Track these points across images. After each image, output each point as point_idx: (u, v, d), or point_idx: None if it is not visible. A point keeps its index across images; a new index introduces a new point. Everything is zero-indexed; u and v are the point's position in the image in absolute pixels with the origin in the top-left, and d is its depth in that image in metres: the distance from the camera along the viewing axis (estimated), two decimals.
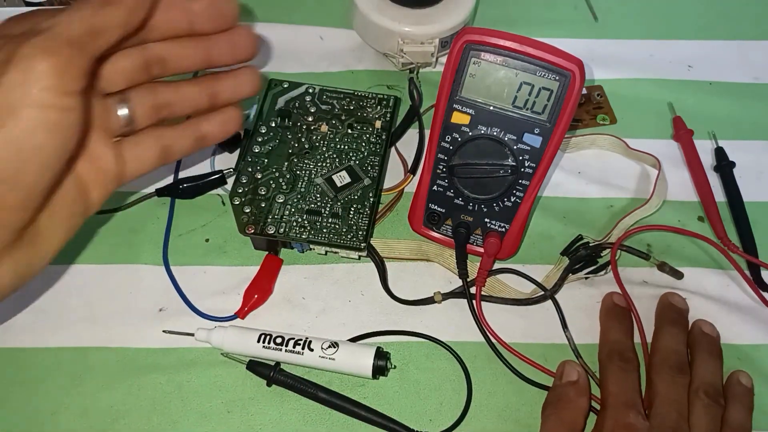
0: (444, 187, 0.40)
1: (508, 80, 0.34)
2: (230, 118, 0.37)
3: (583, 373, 0.38)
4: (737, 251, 0.44)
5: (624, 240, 0.43)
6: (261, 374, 0.38)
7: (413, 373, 0.39)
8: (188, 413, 0.37)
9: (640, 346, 0.40)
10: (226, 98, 0.36)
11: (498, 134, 0.36)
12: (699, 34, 0.57)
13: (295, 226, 0.41)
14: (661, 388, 0.36)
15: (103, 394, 0.38)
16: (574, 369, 0.38)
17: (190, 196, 0.45)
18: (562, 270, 0.42)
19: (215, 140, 0.37)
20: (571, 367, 0.38)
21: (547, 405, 0.37)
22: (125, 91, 0.33)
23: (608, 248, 0.42)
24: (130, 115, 0.32)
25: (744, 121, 0.52)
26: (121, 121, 0.32)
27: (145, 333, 0.40)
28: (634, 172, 0.48)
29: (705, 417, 0.35)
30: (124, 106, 0.32)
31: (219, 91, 0.35)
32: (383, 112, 0.46)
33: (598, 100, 0.52)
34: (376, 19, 0.49)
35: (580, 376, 0.37)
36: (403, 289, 0.42)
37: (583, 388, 0.37)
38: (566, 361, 0.38)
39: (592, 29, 0.57)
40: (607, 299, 0.41)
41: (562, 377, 0.37)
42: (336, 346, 0.38)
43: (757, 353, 0.41)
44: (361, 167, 0.43)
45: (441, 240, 0.43)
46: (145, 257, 0.42)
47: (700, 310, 0.42)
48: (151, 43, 0.32)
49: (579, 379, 0.37)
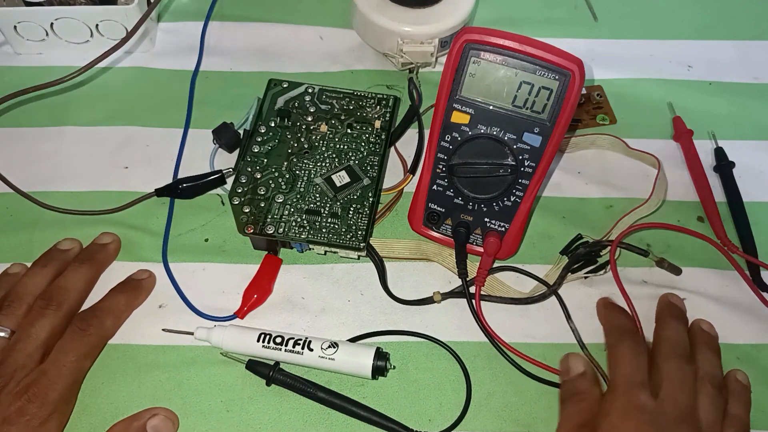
0: (444, 186, 0.40)
1: (508, 79, 0.34)
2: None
3: (589, 362, 0.38)
4: (737, 251, 0.44)
5: (624, 238, 0.43)
6: (260, 374, 0.38)
7: (413, 373, 0.39)
8: (188, 411, 0.37)
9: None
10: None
11: (498, 134, 0.36)
12: (699, 34, 0.57)
13: (295, 226, 0.41)
14: (671, 373, 0.35)
15: (103, 391, 0.38)
16: (580, 360, 0.38)
17: (190, 196, 0.45)
18: (562, 268, 0.42)
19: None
20: (575, 359, 0.38)
21: (564, 400, 0.37)
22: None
23: (608, 246, 0.42)
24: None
25: (744, 121, 0.52)
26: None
27: (145, 331, 0.40)
28: (633, 172, 0.48)
29: (711, 405, 0.35)
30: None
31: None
32: (383, 112, 0.46)
33: (597, 99, 0.52)
34: (376, 19, 0.49)
35: (586, 366, 0.37)
36: (403, 289, 0.42)
37: (593, 378, 0.37)
38: (569, 354, 0.38)
39: (592, 29, 0.57)
40: (601, 300, 0.41)
41: (569, 371, 0.37)
42: (335, 347, 0.38)
43: (757, 353, 0.41)
44: (361, 167, 0.43)
45: (441, 240, 0.43)
46: (145, 256, 0.42)
47: (700, 310, 0.42)
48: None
49: (587, 370, 0.37)
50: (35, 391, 0.34)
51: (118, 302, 0.39)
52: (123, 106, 0.50)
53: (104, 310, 0.39)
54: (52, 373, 0.35)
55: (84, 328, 0.37)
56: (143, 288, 0.41)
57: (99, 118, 0.49)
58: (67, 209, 0.44)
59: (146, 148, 0.48)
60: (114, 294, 0.40)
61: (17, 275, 0.40)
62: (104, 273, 0.42)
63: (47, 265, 0.40)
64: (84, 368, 0.37)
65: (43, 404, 0.34)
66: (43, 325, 0.36)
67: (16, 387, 0.34)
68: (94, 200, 0.45)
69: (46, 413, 0.34)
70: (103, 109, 0.50)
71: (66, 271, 0.40)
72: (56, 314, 0.37)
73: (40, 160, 0.47)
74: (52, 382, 0.35)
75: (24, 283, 0.39)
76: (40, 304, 0.37)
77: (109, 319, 0.39)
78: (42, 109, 0.49)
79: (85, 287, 0.40)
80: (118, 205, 0.44)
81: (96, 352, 0.38)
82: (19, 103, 0.49)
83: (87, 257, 0.41)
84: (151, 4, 0.48)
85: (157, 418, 0.36)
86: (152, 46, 0.53)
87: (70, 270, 0.40)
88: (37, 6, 0.49)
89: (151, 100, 0.50)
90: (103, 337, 0.38)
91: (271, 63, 0.53)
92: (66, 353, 0.36)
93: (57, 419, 0.35)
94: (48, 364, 0.35)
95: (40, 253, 0.41)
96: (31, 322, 0.36)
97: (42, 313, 0.37)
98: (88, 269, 0.40)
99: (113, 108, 0.50)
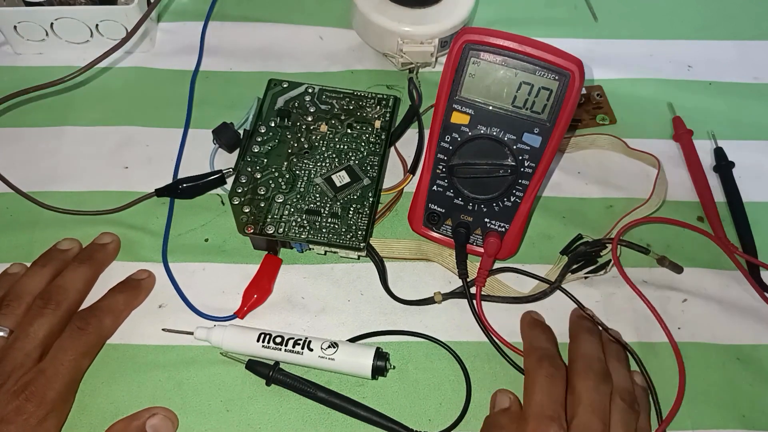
0: (444, 187, 0.40)
1: (508, 80, 0.34)
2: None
3: (516, 399, 0.37)
4: (737, 251, 0.44)
5: (624, 234, 0.43)
6: (260, 373, 0.38)
7: (413, 373, 0.39)
8: (188, 411, 0.37)
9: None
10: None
11: (498, 134, 0.36)
12: (698, 34, 0.57)
13: (295, 226, 0.41)
14: (586, 396, 0.35)
15: (103, 391, 0.38)
16: (506, 396, 0.38)
17: (190, 196, 0.45)
18: (562, 267, 0.42)
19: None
20: (503, 395, 0.38)
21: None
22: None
23: (608, 243, 0.42)
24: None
25: (743, 121, 0.52)
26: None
27: (145, 330, 0.40)
28: (633, 172, 0.48)
29: (623, 423, 0.35)
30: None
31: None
32: (383, 112, 0.46)
33: (597, 100, 0.52)
34: (376, 19, 0.49)
35: (512, 403, 0.37)
36: (403, 289, 0.42)
37: (516, 414, 0.36)
38: (499, 390, 0.38)
39: (592, 29, 0.57)
40: (526, 316, 0.41)
41: (495, 406, 0.38)
42: (335, 347, 0.38)
43: (757, 353, 0.41)
44: (361, 167, 0.43)
45: (441, 240, 0.43)
46: (145, 256, 0.42)
47: (700, 310, 0.42)
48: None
49: (511, 407, 0.37)
50: (33, 390, 0.34)
51: (117, 302, 0.39)
52: (123, 106, 0.50)
53: (103, 309, 0.39)
54: (50, 372, 0.35)
55: (83, 327, 0.37)
56: (143, 288, 0.41)
57: (99, 118, 0.49)
58: (66, 209, 0.44)
59: (146, 148, 0.48)
60: (113, 294, 0.40)
61: (16, 275, 0.40)
62: (104, 273, 0.42)
63: (46, 264, 0.40)
64: (82, 367, 0.37)
65: (41, 403, 0.34)
66: (42, 324, 0.36)
67: (14, 386, 0.34)
68: (94, 200, 0.45)
69: (43, 412, 0.34)
70: (103, 109, 0.50)
71: (65, 270, 0.40)
72: (55, 313, 0.37)
73: (40, 160, 0.47)
74: (50, 381, 0.35)
75: (23, 282, 0.39)
76: (38, 303, 0.37)
77: (108, 319, 0.39)
78: (42, 109, 0.49)
79: (84, 287, 0.40)
80: (118, 205, 0.44)
81: (95, 351, 0.38)
82: (19, 103, 0.49)
83: (86, 257, 0.41)
84: (151, 4, 0.48)
85: (156, 417, 0.36)
86: (152, 46, 0.53)
87: (69, 270, 0.40)
88: (37, 6, 0.49)
89: (151, 100, 0.50)
90: (102, 336, 0.38)
91: (271, 63, 0.53)
92: (64, 352, 0.36)
93: (55, 418, 0.35)
94: (46, 363, 0.35)
95: (40, 253, 0.41)
96: (29, 321, 0.36)
97: (40, 312, 0.37)
98: (87, 269, 0.40)
99: (113, 108, 0.50)
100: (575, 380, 0.36)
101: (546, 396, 0.35)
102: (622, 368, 0.38)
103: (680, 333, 0.41)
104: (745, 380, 0.40)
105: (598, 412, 0.34)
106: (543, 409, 0.34)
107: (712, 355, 0.41)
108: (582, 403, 0.35)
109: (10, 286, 0.39)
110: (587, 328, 0.40)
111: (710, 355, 0.41)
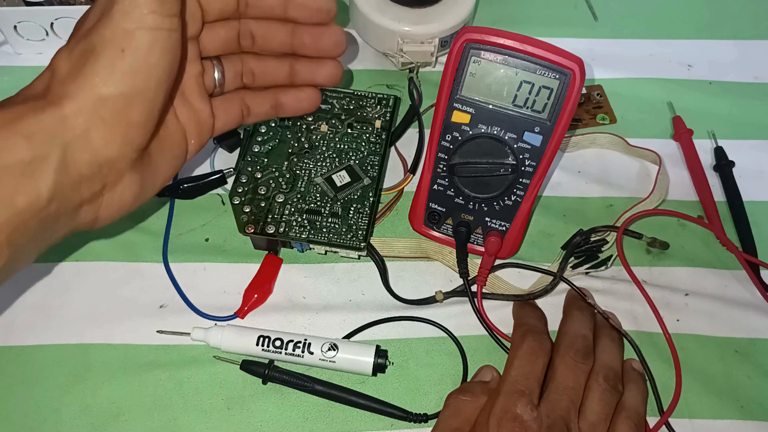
0: (444, 186, 0.40)
1: (508, 79, 0.34)
2: (307, 97, 0.39)
3: (498, 377, 0.37)
4: (736, 251, 0.44)
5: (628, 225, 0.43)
6: (255, 373, 0.38)
7: (413, 369, 0.39)
8: (189, 410, 0.37)
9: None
10: (303, 79, 0.38)
11: (498, 133, 0.36)
12: (698, 33, 0.57)
13: (295, 226, 0.41)
14: (559, 374, 0.35)
15: (104, 391, 0.38)
16: (490, 372, 0.38)
17: (191, 196, 0.45)
18: (562, 258, 0.42)
19: (290, 113, 0.40)
20: (487, 369, 0.38)
21: (451, 393, 0.36)
22: (219, 56, 0.38)
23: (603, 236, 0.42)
24: (221, 77, 0.38)
25: (743, 121, 0.52)
26: (214, 82, 0.37)
27: (145, 330, 0.40)
28: (634, 172, 0.48)
29: (599, 402, 0.35)
30: (217, 69, 0.37)
31: (297, 70, 0.38)
32: (383, 112, 0.46)
33: (597, 99, 0.52)
34: (376, 18, 0.49)
35: (493, 378, 0.37)
36: (404, 288, 0.42)
37: (491, 389, 0.36)
38: (484, 365, 0.38)
39: (592, 29, 0.57)
40: (518, 302, 0.41)
41: (475, 377, 0.38)
42: (335, 349, 0.38)
43: (754, 347, 0.41)
44: (361, 167, 0.43)
45: (442, 239, 0.43)
46: (146, 255, 0.42)
47: (699, 306, 0.42)
48: (246, 19, 0.37)
49: (490, 382, 0.37)
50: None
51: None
52: None
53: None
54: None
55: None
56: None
57: None
58: None
59: None
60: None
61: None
62: (104, 271, 0.42)
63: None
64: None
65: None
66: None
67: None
68: None
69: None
70: None
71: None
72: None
73: None
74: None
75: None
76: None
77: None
78: None
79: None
80: None
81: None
82: None
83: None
84: None
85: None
86: None
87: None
88: (37, 6, 0.49)
89: None
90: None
91: None
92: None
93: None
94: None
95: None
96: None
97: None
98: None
99: None
100: (555, 356, 0.36)
101: (522, 371, 0.35)
102: (612, 349, 0.38)
103: (679, 325, 0.41)
104: (744, 372, 0.40)
105: (568, 390, 0.34)
106: (516, 384, 0.34)
107: (710, 347, 0.41)
108: (555, 379, 0.35)
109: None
110: (578, 305, 0.40)
111: (709, 348, 0.41)
